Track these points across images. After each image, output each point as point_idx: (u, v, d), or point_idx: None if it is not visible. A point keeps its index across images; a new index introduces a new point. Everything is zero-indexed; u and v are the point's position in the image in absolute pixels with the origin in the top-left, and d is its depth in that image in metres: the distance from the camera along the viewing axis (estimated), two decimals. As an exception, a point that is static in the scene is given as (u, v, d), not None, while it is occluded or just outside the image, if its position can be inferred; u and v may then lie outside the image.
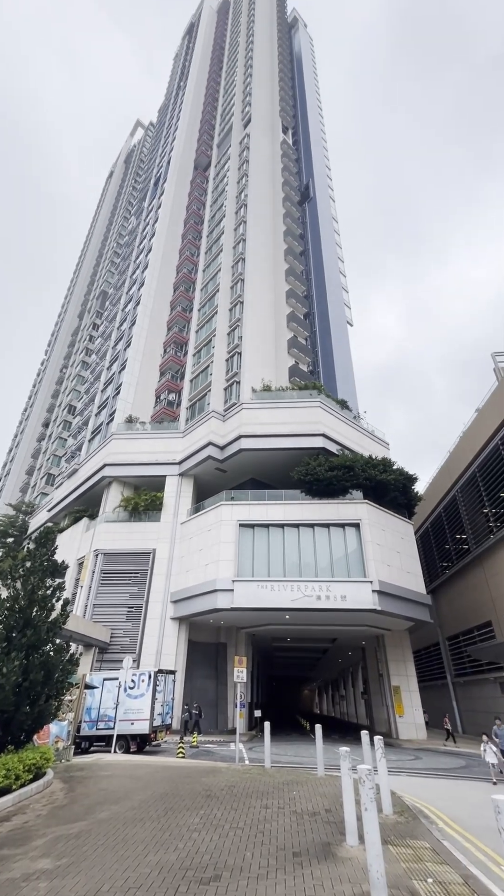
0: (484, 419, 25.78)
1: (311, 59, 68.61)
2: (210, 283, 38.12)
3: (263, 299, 36.23)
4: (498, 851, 5.79)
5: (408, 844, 5.69)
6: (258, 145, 45.06)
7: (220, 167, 47.56)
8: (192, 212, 46.94)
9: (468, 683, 29.67)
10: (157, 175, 55.30)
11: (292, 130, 55.74)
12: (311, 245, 45.30)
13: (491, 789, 10.35)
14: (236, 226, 40.10)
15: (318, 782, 9.35)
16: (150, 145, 72.00)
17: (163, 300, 40.69)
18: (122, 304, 44.73)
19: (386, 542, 22.75)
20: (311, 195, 48.41)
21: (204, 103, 58.63)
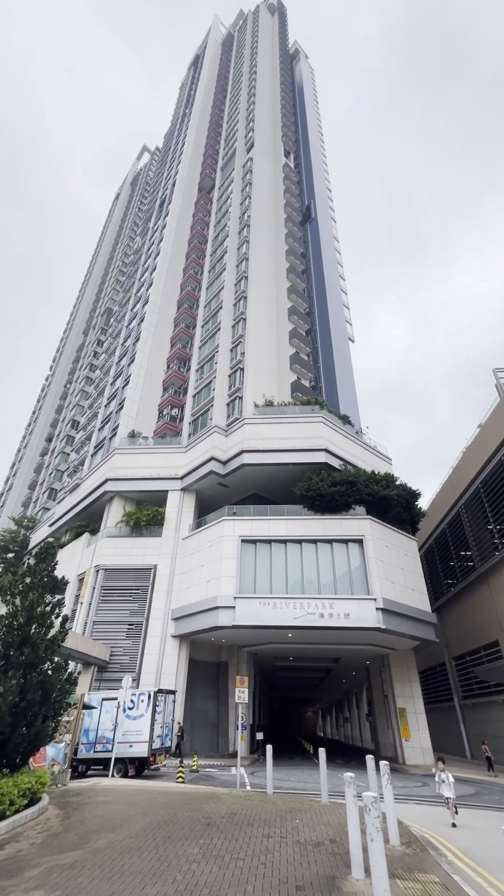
0: (486, 435, 25.74)
1: (311, 87, 71.05)
2: (213, 301, 38.72)
3: (266, 316, 36.73)
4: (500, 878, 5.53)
5: (416, 878, 5.45)
6: (261, 168, 46.36)
7: (224, 189, 48.84)
8: (196, 232, 48.02)
9: (476, 706, 28.86)
10: (162, 197, 56.79)
11: (294, 154, 57.38)
12: (312, 263, 46.20)
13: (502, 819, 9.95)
14: (239, 245, 40.95)
15: (322, 810, 9.02)
16: (156, 169, 74.14)
17: (166, 317, 41.30)
18: (127, 321, 45.41)
19: (389, 559, 22.47)
20: (312, 216, 49.55)
21: (208, 129, 60.58)
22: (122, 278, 62.22)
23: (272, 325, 37.21)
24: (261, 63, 60.32)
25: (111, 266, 74.37)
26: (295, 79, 71.11)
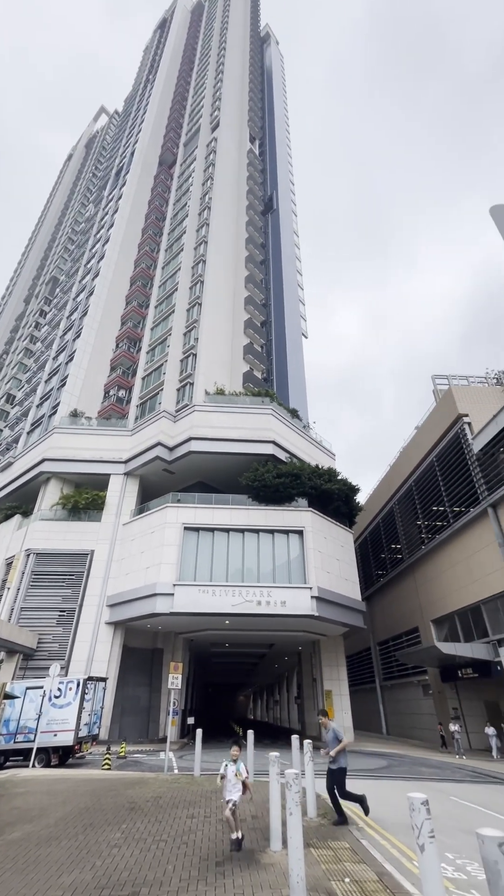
0: (422, 437, 27.49)
1: (280, 75, 70.33)
2: (169, 282, 37.56)
3: (222, 303, 36.29)
4: (412, 847, 6.08)
5: (329, 846, 5.83)
6: (225, 150, 45.34)
7: (186, 166, 47.24)
8: (154, 207, 46.12)
9: (394, 686, 31.19)
10: (119, 165, 53.81)
11: (259, 141, 56.71)
12: (271, 255, 46.24)
13: (409, 787, 10.91)
14: (199, 227, 39.94)
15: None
16: (114, 134, 69.90)
17: (118, 293, 39.44)
18: (74, 293, 42.82)
19: (326, 550, 23.44)
20: (274, 206, 49.46)
21: (172, 101, 58.06)
22: (70, 247, 58.39)
23: (228, 313, 36.87)
24: (230, 40, 58.58)
25: (60, 232, 69.50)
26: (265, 63, 69.98)
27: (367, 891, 4.46)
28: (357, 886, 4.55)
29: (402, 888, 4.60)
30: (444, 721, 23.17)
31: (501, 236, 1.61)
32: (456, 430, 23.23)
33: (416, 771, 13.95)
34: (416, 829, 3.38)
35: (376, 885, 4.63)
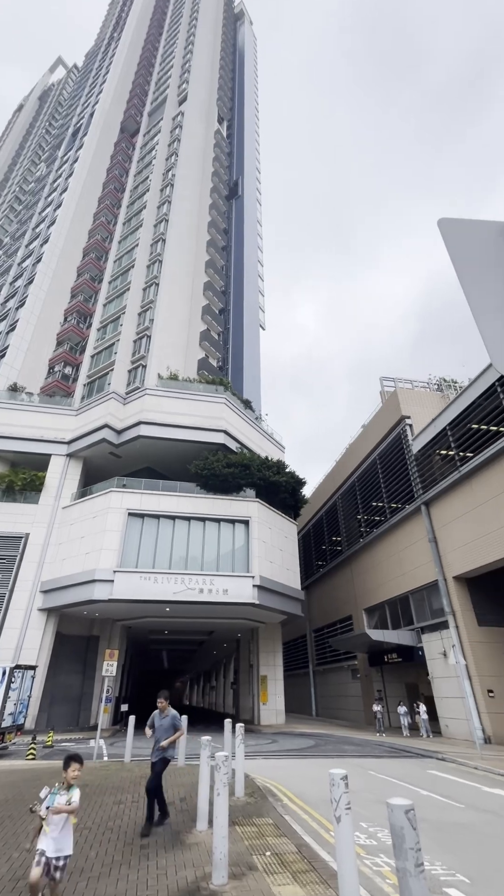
0: (367, 435, 28.71)
1: (253, 57, 68.89)
2: (125, 257, 35.95)
3: (181, 286, 35.35)
4: (331, 820, 6.48)
5: (253, 823, 6.06)
6: (192, 127, 43.83)
7: (150, 137, 45.17)
8: (113, 176, 43.74)
9: (326, 671, 32.76)
10: (76, 125, 50.35)
11: (228, 123, 55.37)
12: (233, 242, 45.58)
13: (332, 764, 11.57)
14: (160, 203, 38.48)
15: (178, 773, 9.44)
16: (73, 90, 65.11)
17: (69, 264, 37.13)
18: (20, 258, 39.72)
19: (271, 540, 23.94)
20: (239, 192, 48.69)
21: (138, 65, 55.02)
22: (17, 206, 53.92)
23: (186, 296, 36.00)
24: (203, 10, 56.39)
25: (6, 191, 63.85)
26: (237, 43, 68.13)
27: (285, 862, 4.70)
28: (277, 859, 4.78)
29: (318, 857, 4.89)
30: (370, 702, 24.74)
31: (447, 249, 1.70)
32: (398, 430, 24.49)
33: (340, 749, 14.81)
34: (335, 802, 3.60)
35: (295, 856, 4.89)
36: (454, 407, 19.89)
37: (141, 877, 4.33)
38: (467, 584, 19.16)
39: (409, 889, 2.48)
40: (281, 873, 4.40)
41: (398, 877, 2.53)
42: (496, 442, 17.17)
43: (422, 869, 2.54)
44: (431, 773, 10.79)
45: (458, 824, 6.44)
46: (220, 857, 4.22)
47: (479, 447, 18.29)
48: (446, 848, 5.42)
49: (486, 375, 17.93)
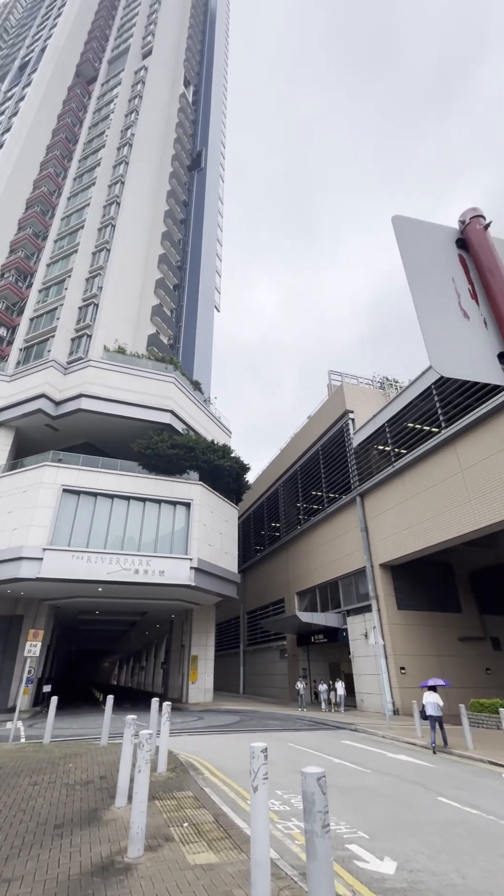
0: (312, 426, 29.51)
1: (224, 23, 65.97)
2: (74, 216, 33.45)
3: (134, 255, 33.63)
4: (248, 790, 6.78)
5: (174, 797, 6.17)
6: (155, 86, 41.29)
7: (108, 89, 41.96)
8: (65, 124, 40.23)
9: (256, 651, 33.88)
10: (24, 58, 45.50)
11: (194, 89, 52.83)
12: (193, 216, 43.98)
13: (255, 738, 12.08)
14: (116, 163, 36.08)
15: (100, 752, 9.35)
16: (21, 17, 58.44)
17: (9, 214, 33.85)
18: (-49, 200, 35.47)
19: (211, 524, 24.02)
20: (202, 165, 46.87)
21: (100, 3, 50.55)
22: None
23: (139, 267, 34.35)
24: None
25: None
26: (209, 5, 64.76)
27: (202, 831, 4.85)
28: (194, 829, 4.92)
29: (234, 825, 5.11)
30: (295, 680, 26.04)
31: (398, 246, 1.75)
32: (342, 424, 25.43)
33: (264, 724, 15.49)
34: (253, 773, 3.75)
35: (212, 825, 5.06)
36: (393, 405, 20.99)
37: (53, 856, 4.26)
38: (391, 572, 20.60)
39: (314, 848, 2.66)
40: (197, 842, 4.54)
41: (306, 838, 2.70)
42: (427, 441, 18.42)
43: (328, 830, 2.73)
44: (345, 742, 11.63)
45: (363, 787, 7.02)
46: (137, 830, 4.26)
47: (412, 445, 19.52)
48: (352, 809, 5.90)
49: (423, 378, 19.06)
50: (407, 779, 7.70)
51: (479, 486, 15.68)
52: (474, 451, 16.12)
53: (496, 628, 21.78)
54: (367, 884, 3.82)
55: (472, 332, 1.85)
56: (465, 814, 5.82)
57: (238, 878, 3.75)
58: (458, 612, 21.19)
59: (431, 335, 1.82)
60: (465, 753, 9.92)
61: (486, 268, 1.95)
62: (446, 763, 9.32)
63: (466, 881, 3.91)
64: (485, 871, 4.12)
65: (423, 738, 11.85)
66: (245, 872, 3.77)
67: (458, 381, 17.09)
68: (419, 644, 19.40)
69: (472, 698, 15.44)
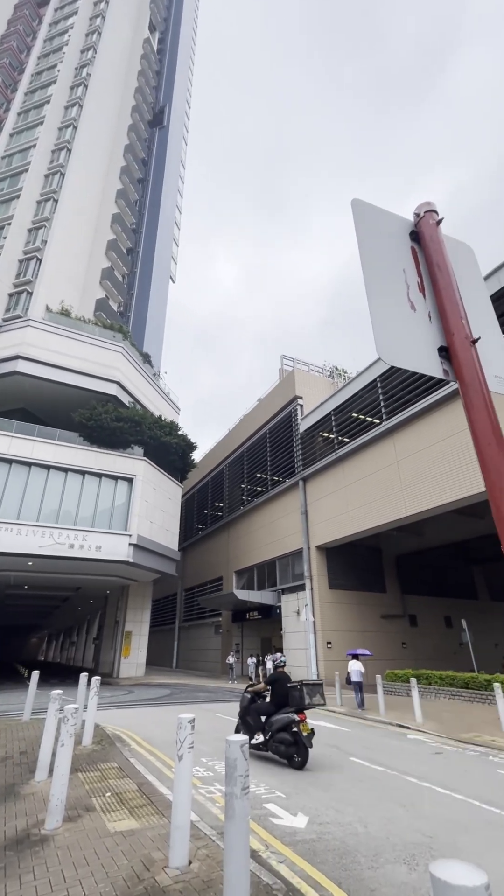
0: (261, 409, 29.71)
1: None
2: (17, 157, 30.29)
3: (84, 209, 31.23)
4: (174, 759, 6.93)
5: (97, 768, 6.16)
6: (116, 24, 37.90)
7: (63, 16, 37.89)
8: (10, 48, 35.96)
9: (191, 627, 34.35)
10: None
11: (159, 37, 49.21)
12: (152, 177, 41.52)
13: (184, 710, 12.34)
14: (69, 104, 32.97)
15: (21, 727, 9.08)
16: None
17: None
18: None
19: (153, 500, 23.64)
20: (164, 123, 44.13)
21: None
22: None
23: (90, 224, 32.01)
24: None
25: None
26: None
27: (125, 800, 4.90)
28: (116, 798, 4.96)
29: (158, 793, 5.21)
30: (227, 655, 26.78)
31: (355, 230, 1.76)
32: (290, 409, 25.85)
33: (194, 696, 15.85)
34: (179, 742, 3.84)
35: (135, 794, 5.13)
36: (341, 394, 21.66)
37: (-37, 833, 4.10)
38: (326, 553, 21.63)
39: (233, 809, 2.79)
40: (118, 811, 4.58)
41: (225, 800, 2.82)
42: (369, 431, 19.29)
43: (247, 791, 2.86)
44: (271, 712, 12.23)
45: (285, 752, 7.45)
46: (57, 802, 4.21)
47: (355, 434, 20.35)
48: (272, 772, 6.25)
49: (370, 371, 19.80)
50: (324, 742, 8.28)
51: (411, 476, 16.76)
52: (410, 444, 17.15)
53: (414, 607, 23.78)
54: (280, 838, 4.09)
55: (416, 324, 1.91)
56: (372, 771, 6.39)
57: (158, 842, 3.84)
58: (383, 592, 22.82)
59: (379, 322, 1.85)
60: (378, 718, 10.85)
61: (435, 263, 2.01)
62: (360, 727, 10.14)
63: (368, 829, 4.32)
64: (384, 819, 4.57)
65: (341, 706, 12.77)
66: (166, 836, 3.87)
67: (401, 376, 17.95)
68: (346, 620, 20.71)
69: (388, 669, 16.84)
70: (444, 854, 3.82)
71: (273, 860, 3.64)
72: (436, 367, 1.84)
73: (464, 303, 1.95)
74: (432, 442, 16.11)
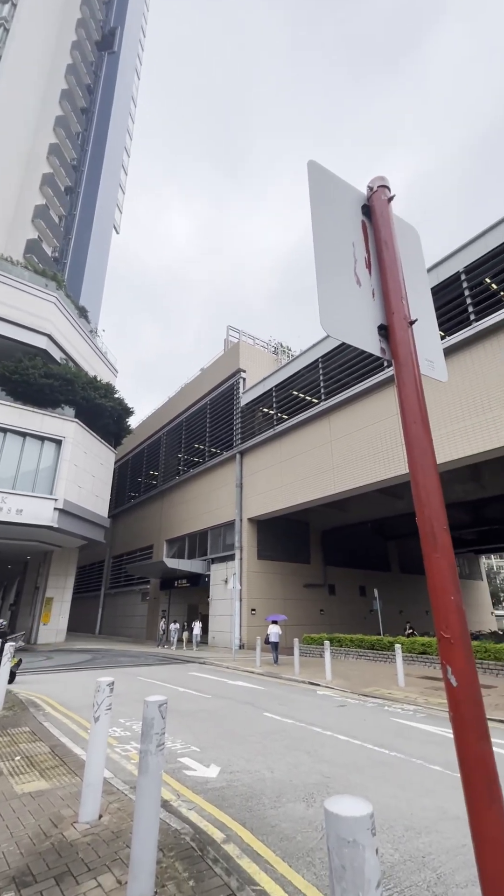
0: (204, 379, 29.18)
1: None
2: None
3: (14, 131, 27.52)
4: (90, 721, 6.93)
5: (7, 733, 5.98)
6: None
7: None
8: None
9: (117, 594, 34.02)
10: None
11: None
12: (98, 109, 37.44)
13: (105, 674, 12.32)
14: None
15: None
16: None
17: None
18: None
19: (83, 465, 22.56)
20: (115, 47, 39.63)
21: None
22: None
23: (20, 150, 28.36)
24: None
25: None
26: None
27: (35, 762, 4.83)
28: (27, 761, 4.86)
29: (71, 753, 5.20)
30: (155, 621, 27.01)
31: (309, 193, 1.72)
32: (233, 381, 25.68)
33: (116, 661, 15.86)
34: (97, 705, 3.82)
35: (47, 756, 5.06)
36: (283, 371, 21.90)
37: None
38: (257, 525, 22.29)
39: (147, 764, 2.85)
40: (28, 773, 4.50)
41: (140, 756, 2.87)
42: (307, 410, 19.83)
43: (162, 748, 2.93)
44: (192, 674, 12.64)
45: (202, 710, 7.78)
46: (-40, 769, 4.03)
47: (294, 412, 20.80)
48: (189, 729, 6.50)
49: (313, 351, 20.17)
50: (241, 700, 8.76)
51: (342, 456, 17.61)
52: (344, 425, 17.92)
53: (334, 577, 25.55)
54: (192, 787, 4.30)
55: (360, 300, 1.93)
56: (283, 724, 6.89)
57: (69, 800, 3.85)
58: (308, 563, 24.18)
59: (325, 293, 1.84)
60: (292, 677, 11.67)
61: (383, 239, 2.02)
62: (276, 686, 10.85)
63: (274, 774, 4.68)
64: (290, 765, 4.97)
65: (260, 667, 13.55)
66: (77, 794, 3.88)
67: (342, 359, 18.52)
68: (271, 589, 21.73)
69: (305, 634, 18.08)
70: (339, 791, 4.26)
71: (183, 808, 3.82)
72: (374, 344, 1.88)
73: (405, 284, 2.00)
74: (364, 425, 16.97)
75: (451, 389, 13.73)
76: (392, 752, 5.51)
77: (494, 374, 12.84)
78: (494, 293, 13.52)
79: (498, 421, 12.49)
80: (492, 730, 5.63)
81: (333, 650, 14.97)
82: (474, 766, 1.20)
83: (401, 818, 3.70)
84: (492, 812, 1.16)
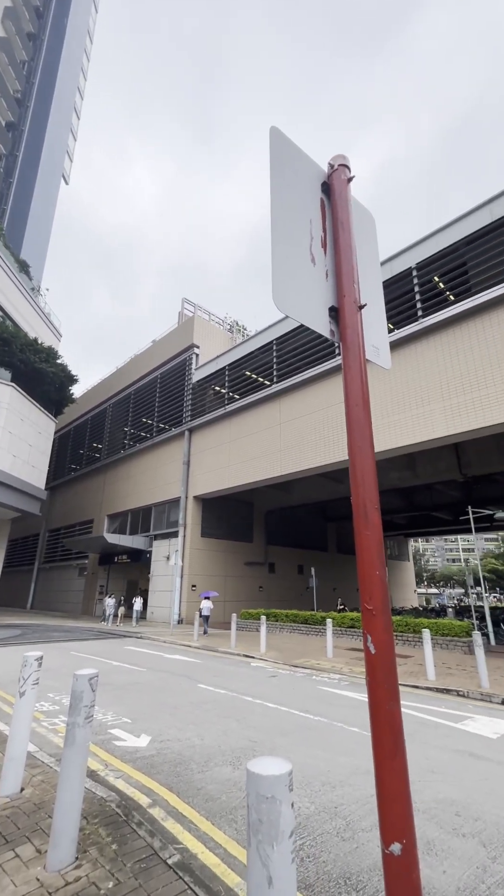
0: (155, 351, 28.17)
1: None
2: None
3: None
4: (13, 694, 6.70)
5: None
6: None
7: None
8: None
9: (52, 569, 32.82)
10: None
11: None
12: (48, 37, 33.65)
13: (36, 649, 11.93)
14: None
15: None
16: None
17: None
18: None
19: (20, 433, 21.14)
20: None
21: None
22: None
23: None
24: None
25: None
26: None
27: (-46, 740, 4.60)
28: None
29: (-6, 729, 5.01)
30: (91, 596, 26.44)
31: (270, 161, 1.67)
32: (185, 356, 25.04)
33: (48, 636, 15.40)
34: (23, 680, 3.68)
35: (-33, 733, 4.84)
36: (237, 350, 21.69)
37: None
38: (202, 503, 22.30)
39: (73, 736, 2.81)
40: None
41: (67, 729, 2.82)
42: (258, 392, 19.88)
43: (90, 720, 2.90)
44: (128, 648, 12.61)
45: (137, 683, 7.81)
46: None
47: (245, 392, 20.77)
48: (121, 702, 6.51)
49: (268, 332, 20.12)
50: (176, 673, 8.89)
51: (291, 439, 17.95)
52: (294, 409, 18.21)
53: (274, 556, 26.36)
54: (121, 757, 4.33)
55: (313, 279, 1.92)
56: (216, 694, 7.11)
57: (-12, 775, 3.72)
58: (250, 541, 24.69)
59: (280, 268, 1.81)
60: (228, 650, 12.01)
61: (340, 220, 2.02)
62: (211, 659, 11.12)
63: (204, 741, 4.84)
64: (220, 732, 5.16)
65: (197, 640, 13.79)
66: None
67: (295, 343, 18.66)
68: (212, 566, 22.00)
69: (243, 609, 18.61)
70: (265, 754, 4.50)
71: (111, 777, 3.84)
72: (324, 325, 1.89)
73: (358, 268, 2.02)
74: (312, 410, 17.36)
75: (395, 380, 14.37)
76: (316, 717, 5.89)
77: (434, 370, 13.61)
78: (441, 292, 14.19)
79: (434, 414, 13.31)
80: (403, 694, 6.18)
81: (269, 625, 15.58)
82: (384, 723, 1.30)
83: (319, 775, 3.99)
84: (395, 763, 1.27)
